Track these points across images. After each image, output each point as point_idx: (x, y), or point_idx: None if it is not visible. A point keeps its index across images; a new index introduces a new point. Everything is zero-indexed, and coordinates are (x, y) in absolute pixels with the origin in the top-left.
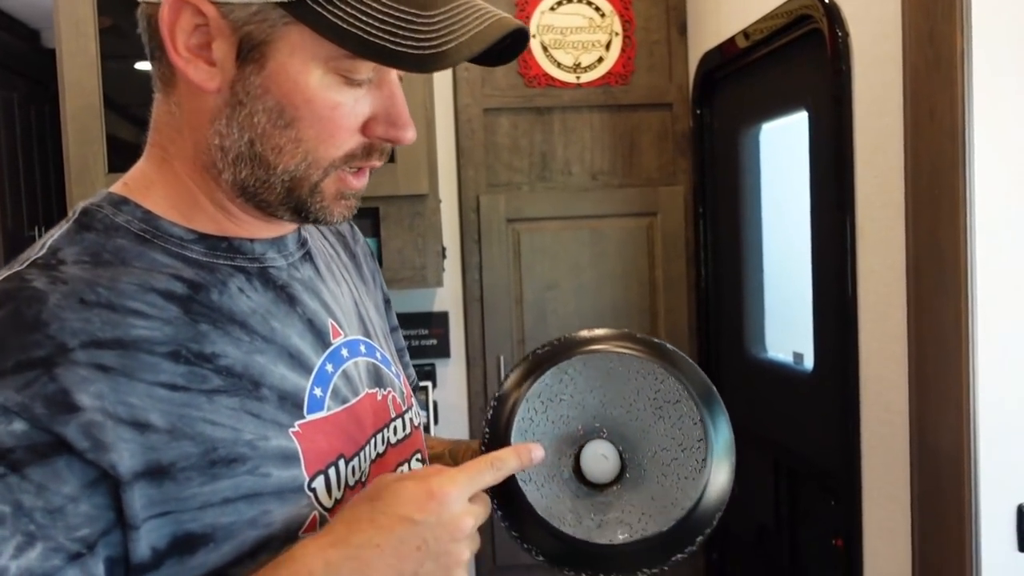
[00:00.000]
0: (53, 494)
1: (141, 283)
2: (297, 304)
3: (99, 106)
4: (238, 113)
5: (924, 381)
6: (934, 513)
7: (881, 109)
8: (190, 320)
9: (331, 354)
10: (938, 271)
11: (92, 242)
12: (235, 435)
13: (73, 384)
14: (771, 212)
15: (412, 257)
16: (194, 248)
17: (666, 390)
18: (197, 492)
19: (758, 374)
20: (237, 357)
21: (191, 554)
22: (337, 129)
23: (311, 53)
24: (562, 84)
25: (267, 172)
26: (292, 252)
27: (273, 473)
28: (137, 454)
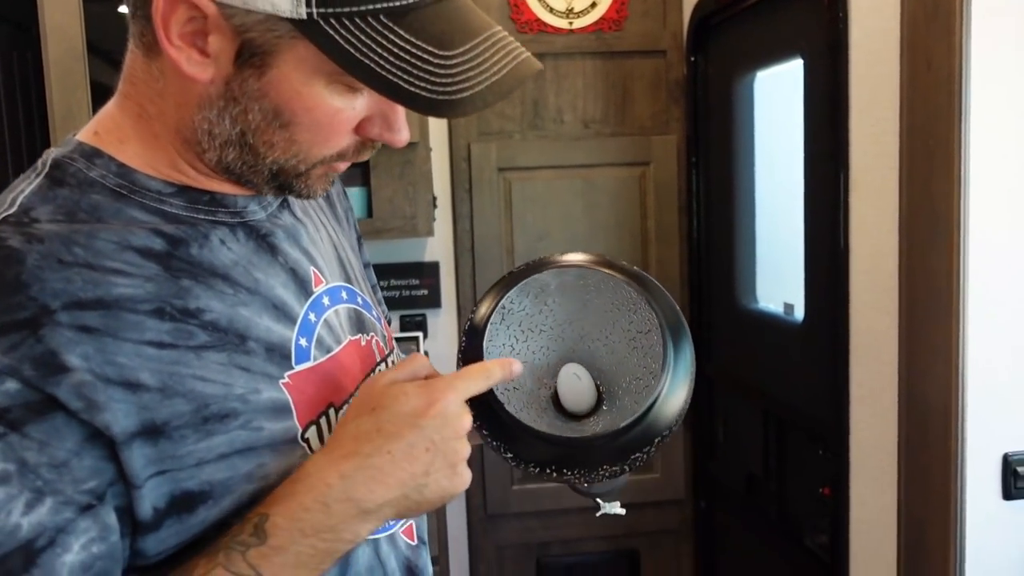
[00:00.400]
0: (56, 449)
1: (119, 241)
2: (279, 254)
3: (82, 51)
4: (231, 108)
5: (914, 332)
6: (920, 462)
7: (877, 58)
8: (171, 276)
9: (313, 303)
10: (931, 223)
11: (66, 199)
12: (226, 390)
13: (60, 345)
14: (764, 162)
15: (402, 206)
16: (173, 202)
17: (627, 295)
18: (193, 449)
19: (749, 325)
20: (222, 311)
21: (190, 512)
22: (333, 133)
23: (316, 68)
24: (554, 30)
25: (255, 159)
26: (271, 201)
27: (266, 426)
28: (131, 414)
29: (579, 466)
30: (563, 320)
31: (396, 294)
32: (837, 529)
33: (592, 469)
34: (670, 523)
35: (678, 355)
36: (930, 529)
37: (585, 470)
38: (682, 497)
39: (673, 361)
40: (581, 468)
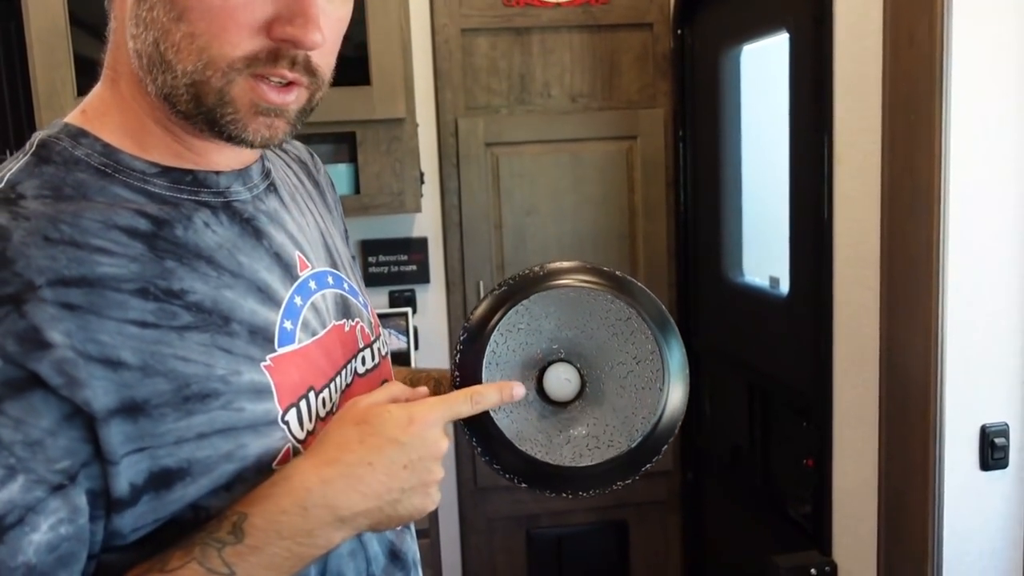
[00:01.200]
0: (31, 427)
1: (104, 220)
2: (264, 237)
3: (65, 27)
4: (142, 8)
5: (894, 305)
6: (900, 434)
7: (861, 32)
8: (156, 257)
9: (299, 287)
10: (912, 197)
11: (52, 176)
12: (207, 371)
13: (43, 321)
14: (751, 136)
15: (390, 182)
16: (156, 182)
17: (616, 310)
18: (172, 428)
19: (735, 298)
20: (206, 293)
21: (167, 488)
22: (230, 22)
23: None
24: (541, 3)
25: (172, 76)
26: (257, 184)
27: (247, 407)
28: (111, 391)
29: (595, 486)
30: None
31: (385, 270)
32: (820, 499)
33: (606, 485)
34: (658, 494)
35: (671, 355)
36: (909, 499)
37: (600, 488)
38: (669, 469)
39: (669, 363)
40: (596, 487)
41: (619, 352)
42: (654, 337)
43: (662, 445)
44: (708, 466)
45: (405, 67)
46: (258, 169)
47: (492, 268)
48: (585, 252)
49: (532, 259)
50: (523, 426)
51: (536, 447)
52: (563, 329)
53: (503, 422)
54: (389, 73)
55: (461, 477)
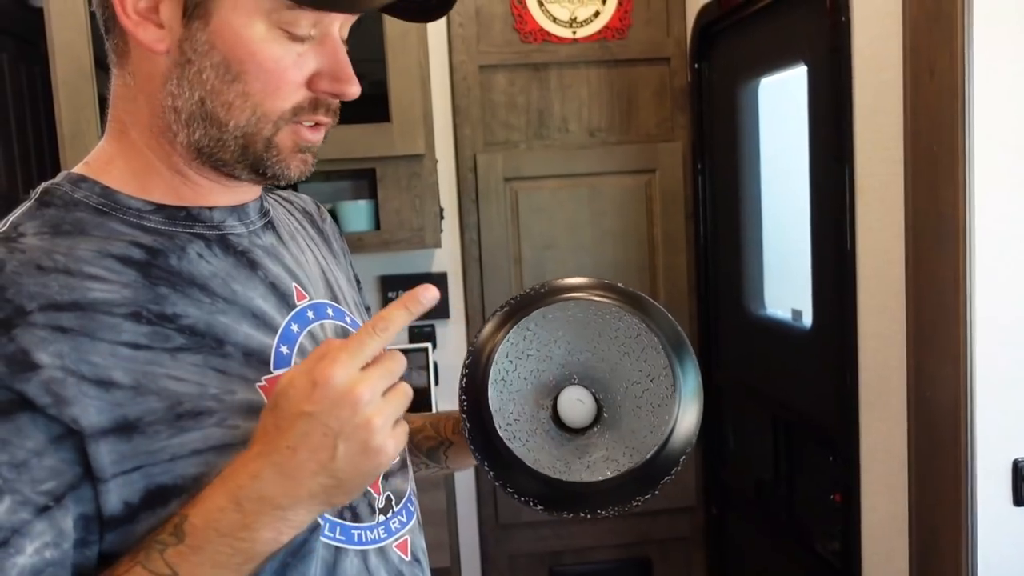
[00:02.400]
0: (17, 448)
1: (99, 250)
2: (259, 268)
3: (90, 69)
4: (187, 71)
5: (922, 337)
6: (931, 468)
7: (881, 64)
8: (149, 284)
9: (296, 315)
10: (936, 227)
11: (52, 216)
12: (200, 389)
13: (32, 344)
14: (770, 168)
15: (410, 218)
16: (152, 218)
17: (627, 326)
18: (166, 445)
19: (757, 331)
20: (199, 317)
21: (164, 506)
22: (282, 81)
23: (253, 6)
24: (558, 39)
25: (220, 130)
26: (254, 220)
27: (241, 425)
28: (104, 411)
29: (613, 503)
30: (549, 340)
31: None
32: (848, 535)
33: (625, 503)
34: (682, 530)
35: (685, 377)
36: (941, 535)
37: (619, 505)
38: (693, 504)
39: (682, 385)
40: (615, 505)
41: (632, 371)
42: (664, 351)
43: (679, 457)
44: (733, 501)
45: (424, 104)
46: (256, 207)
47: None
48: None
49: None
50: (540, 454)
51: (555, 471)
52: (574, 353)
53: (520, 451)
54: (408, 110)
55: (482, 514)
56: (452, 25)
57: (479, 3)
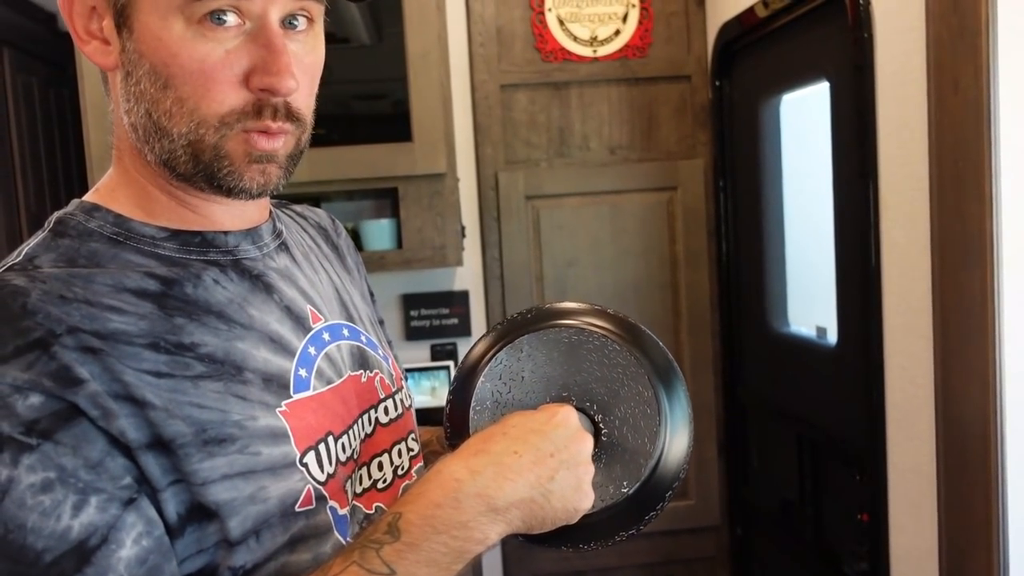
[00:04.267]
0: (89, 450)
1: (115, 283)
2: (274, 292)
3: None
4: (130, 84)
5: (949, 355)
6: (960, 488)
7: (904, 79)
8: (165, 315)
9: (312, 337)
10: (963, 244)
11: (67, 248)
12: (223, 416)
13: (71, 361)
14: (792, 184)
15: (432, 237)
16: (166, 245)
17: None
18: (198, 468)
19: (781, 348)
20: (217, 345)
21: (209, 522)
22: (211, 82)
23: (165, 4)
24: (579, 58)
25: (169, 141)
26: (267, 243)
27: (263, 451)
28: (142, 427)
29: (595, 538)
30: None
31: (426, 323)
32: (876, 556)
33: (608, 538)
34: (706, 550)
35: (672, 403)
36: (971, 557)
37: (602, 540)
38: (718, 523)
39: (669, 412)
40: (597, 539)
41: (623, 400)
42: (651, 382)
43: (664, 492)
44: (757, 521)
45: (446, 123)
46: (268, 228)
47: None
48: (627, 302)
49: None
50: None
51: None
52: (570, 375)
53: None
54: (430, 129)
55: None
56: (473, 45)
57: (500, 23)
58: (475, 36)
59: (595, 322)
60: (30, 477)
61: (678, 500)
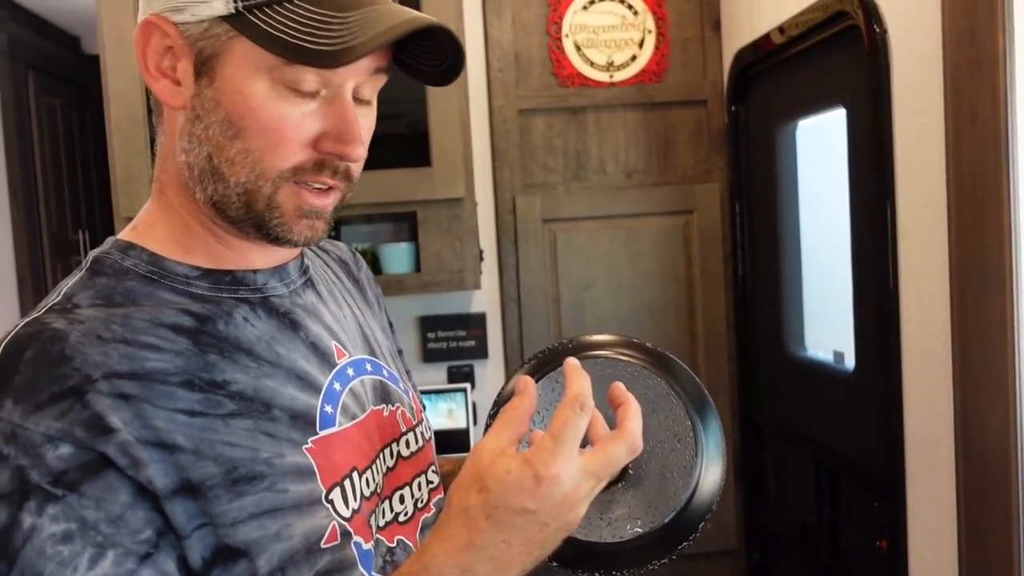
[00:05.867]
0: (111, 504)
1: (152, 319)
2: (300, 329)
3: (142, 116)
4: (197, 127)
5: (969, 382)
6: (980, 515)
7: (921, 108)
8: (199, 351)
9: (337, 373)
10: (982, 273)
11: (104, 286)
12: (252, 454)
13: (104, 409)
14: (809, 209)
15: (450, 260)
16: (199, 284)
17: (655, 386)
18: (227, 509)
19: (798, 373)
20: (247, 383)
21: (235, 563)
22: (283, 140)
23: (255, 64)
24: (595, 83)
25: (224, 186)
26: (294, 280)
27: (290, 488)
28: (170, 473)
29: (628, 565)
30: None
31: (443, 346)
32: None
33: (641, 565)
34: (723, 574)
35: (708, 434)
36: None
37: (635, 567)
38: (734, 547)
39: (705, 443)
40: (630, 567)
41: (658, 430)
42: (688, 413)
43: (698, 522)
44: (774, 545)
45: (464, 148)
46: (296, 266)
47: (550, 343)
48: (643, 326)
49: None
50: None
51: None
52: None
53: None
54: (449, 154)
55: None
56: (491, 70)
57: (518, 49)
58: (493, 62)
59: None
60: (52, 527)
61: None
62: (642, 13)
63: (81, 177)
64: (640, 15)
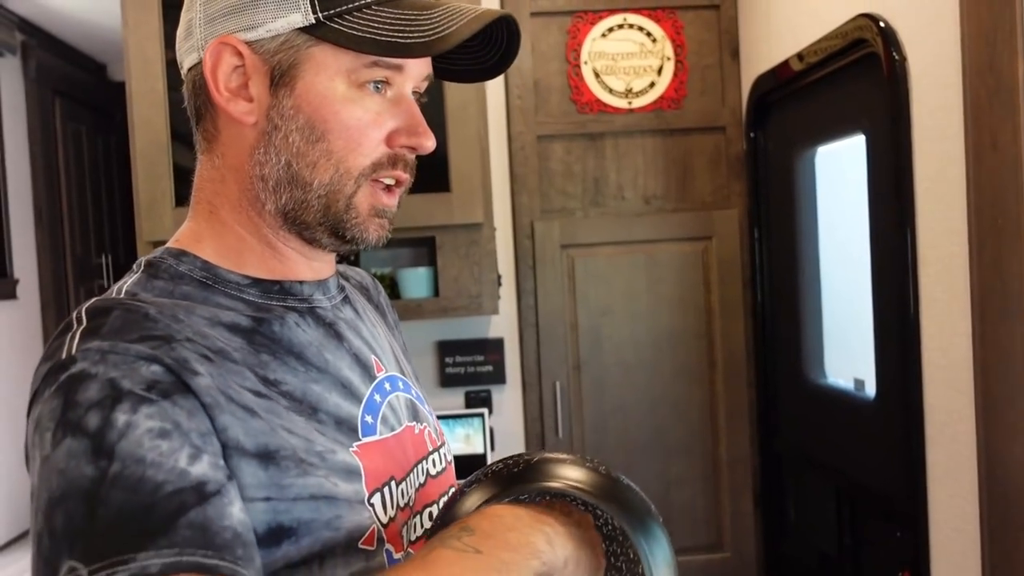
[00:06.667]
0: (200, 422)
1: (210, 317)
2: (344, 340)
3: (167, 142)
4: (275, 138)
5: (991, 412)
6: (1005, 548)
7: (941, 135)
8: (253, 350)
9: (377, 386)
10: (1003, 301)
11: (161, 288)
12: (308, 445)
13: (189, 357)
14: (828, 236)
15: (468, 285)
16: (250, 292)
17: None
18: (293, 483)
19: (818, 400)
20: (296, 385)
21: (277, 546)
22: (363, 137)
23: (334, 68)
24: (614, 110)
25: (304, 191)
26: (334, 295)
27: (340, 484)
28: (249, 434)
29: None
30: None
31: (461, 371)
32: None
33: None
34: None
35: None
36: None
37: None
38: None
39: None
40: None
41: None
42: (634, 540)
43: None
44: (795, 574)
45: (483, 174)
46: (335, 283)
47: (568, 369)
48: (662, 352)
49: (608, 359)
50: None
51: None
52: None
53: None
54: (468, 180)
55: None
56: (511, 97)
57: (537, 76)
58: (513, 89)
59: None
60: (148, 423)
61: (714, 552)
62: (660, 40)
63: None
64: (659, 42)
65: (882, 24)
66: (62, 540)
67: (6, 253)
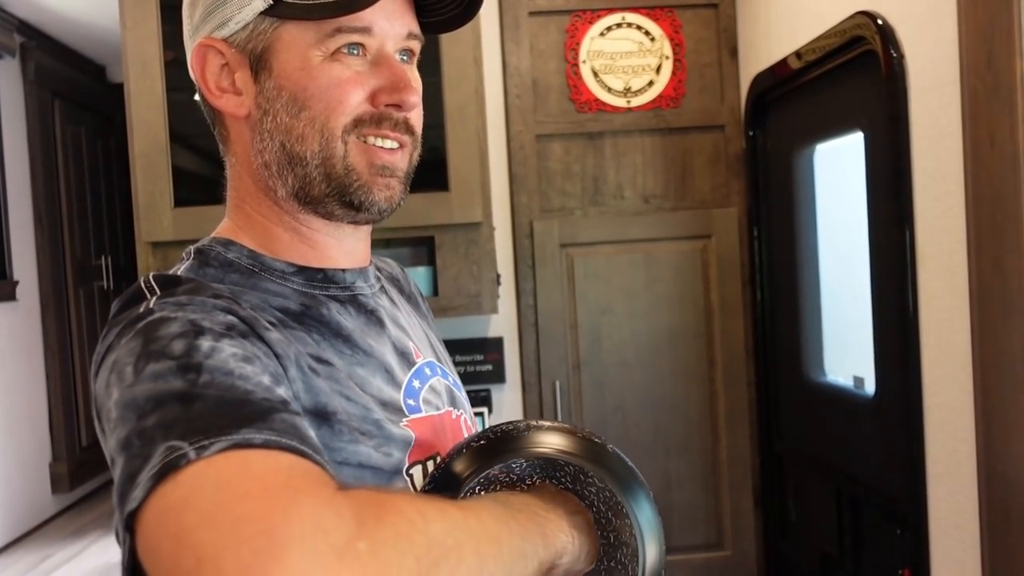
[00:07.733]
0: (275, 364)
1: (262, 301)
2: (385, 327)
3: (165, 143)
4: (266, 122)
5: (991, 409)
6: (1005, 545)
7: (940, 132)
8: (304, 331)
9: (416, 372)
10: (1002, 297)
11: (213, 275)
12: (365, 412)
13: (257, 318)
14: (827, 233)
15: (467, 285)
16: (295, 280)
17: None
18: (344, 446)
19: (817, 398)
20: (343, 367)
21: None
22: (343, 95)
23: (303, 42)
24: (613, 109)
25: (303, 167)
26: (373, 283)
27: (394, 454)
28: (310, 391)
29: None
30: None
31: (461, 370)
32: None
33: None
34: None
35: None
36: None
37: None
38: None
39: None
40: None
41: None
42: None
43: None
44: (795, 574)
45: (482, 173)
46: (372, 271)
47: (568, 368)
48: (661, 351)
49: (608, 359)
50: None
51: None
52: None
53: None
54: (467, 179)
55: None
56: (509, 96)
57: (536, 75)
58: (511, 88)
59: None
60: (232, 348)
61: (714, 551)
62: (659, 39)
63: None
64: (657, 41)
65: (880, 22)
66: (156, 431)
67: (6, 255)
